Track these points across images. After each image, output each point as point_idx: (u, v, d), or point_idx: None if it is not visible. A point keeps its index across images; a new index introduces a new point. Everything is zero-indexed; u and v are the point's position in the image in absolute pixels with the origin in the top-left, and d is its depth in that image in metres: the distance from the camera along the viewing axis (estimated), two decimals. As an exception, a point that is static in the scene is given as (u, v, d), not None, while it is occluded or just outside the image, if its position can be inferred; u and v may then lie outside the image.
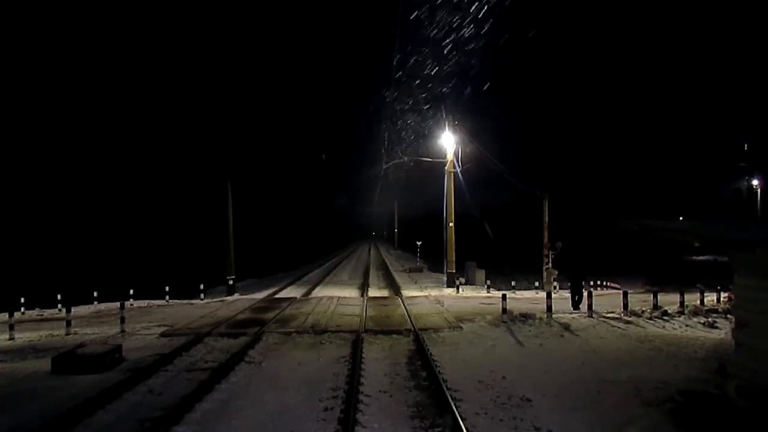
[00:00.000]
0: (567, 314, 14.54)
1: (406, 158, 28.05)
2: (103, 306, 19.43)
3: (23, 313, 18.29)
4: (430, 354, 10.08)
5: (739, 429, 6.41)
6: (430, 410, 7.24)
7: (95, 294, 20.01)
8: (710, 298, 18.20)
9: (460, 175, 24.86)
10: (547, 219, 24.83)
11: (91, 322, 15.39)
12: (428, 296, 20.77)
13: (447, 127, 24.73)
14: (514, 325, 13.11)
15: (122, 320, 13.66)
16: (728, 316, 13.73)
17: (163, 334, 12.67)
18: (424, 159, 26.70)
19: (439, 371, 8.85)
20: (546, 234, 24.46)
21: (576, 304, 15.86)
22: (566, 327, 12.83)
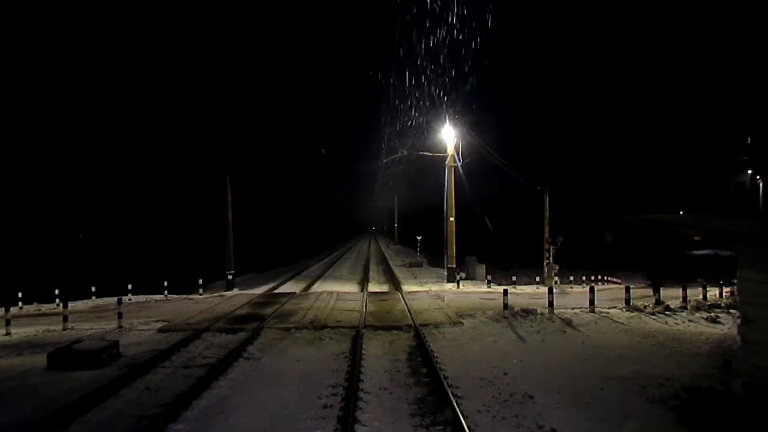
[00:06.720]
0: (569, 309, 14.42)
1: (406, 152, 27.89)
2: (100, 301, 19.30)
3: (21, 308, 18.18)
4: (431, 350, 9.96)
5: (747, 427, 6.30)
6: (431, 407, 7.12)
7: (93, 289, 19.87)
8: (712, 292, 18.10)
9: (460, 169, 24.72)
10: (547, 213, 24.70)
11: (89, 317, 15.28)
12: (428, 291, 20.67)
13: (447, 121, 24.55)
14: (516, 321, 13.00)
15: (120, 315, 13.54)
16: (731, 311, 13.62)
17: (161, 330, 12.56)
18: (425, 153, 26.51)
19: (439, 367, 8.73)
20: (547, 229, 24.34)
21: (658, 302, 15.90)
22: (568, 322, 12.72)
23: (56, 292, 19.88)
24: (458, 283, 23.31)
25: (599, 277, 28.60)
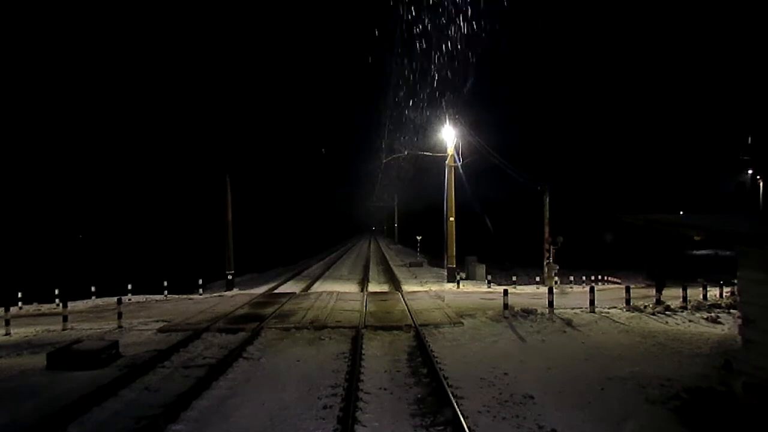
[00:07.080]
0: (569, 309, 14.41)
1: (406, 152, 27.85)
2: (100, 301, 19.30)
3: (21, 308, 18.18)
4: (431, 350, 9.94)
5: (748, 427, 6.28)
6: (431, 408, 7.11)
7: (93, 289, 19.87)
8: (713, 292, 18.09)
9: (460, 168, 24.70)
10: (547, 213, 24.69)
11: (89, 318, 15.26)
12: (428, 291, 20.65)
13: (447, 121, 24.54)
14: (516, 321, 12.98)
15: (119, 315, 13.53)
16: (731, 311, 13.62)
17: (160, 330, 12.54)
18: (425, 153, 26.49)
19: (440, 368, 8.72)
20: (547, 228, 24.32)
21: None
22: (568, 322, 12.70)
23: (56, 292, 19.88)
24: (458, 283, 23.30)
25: (599, 277, 28.61)
